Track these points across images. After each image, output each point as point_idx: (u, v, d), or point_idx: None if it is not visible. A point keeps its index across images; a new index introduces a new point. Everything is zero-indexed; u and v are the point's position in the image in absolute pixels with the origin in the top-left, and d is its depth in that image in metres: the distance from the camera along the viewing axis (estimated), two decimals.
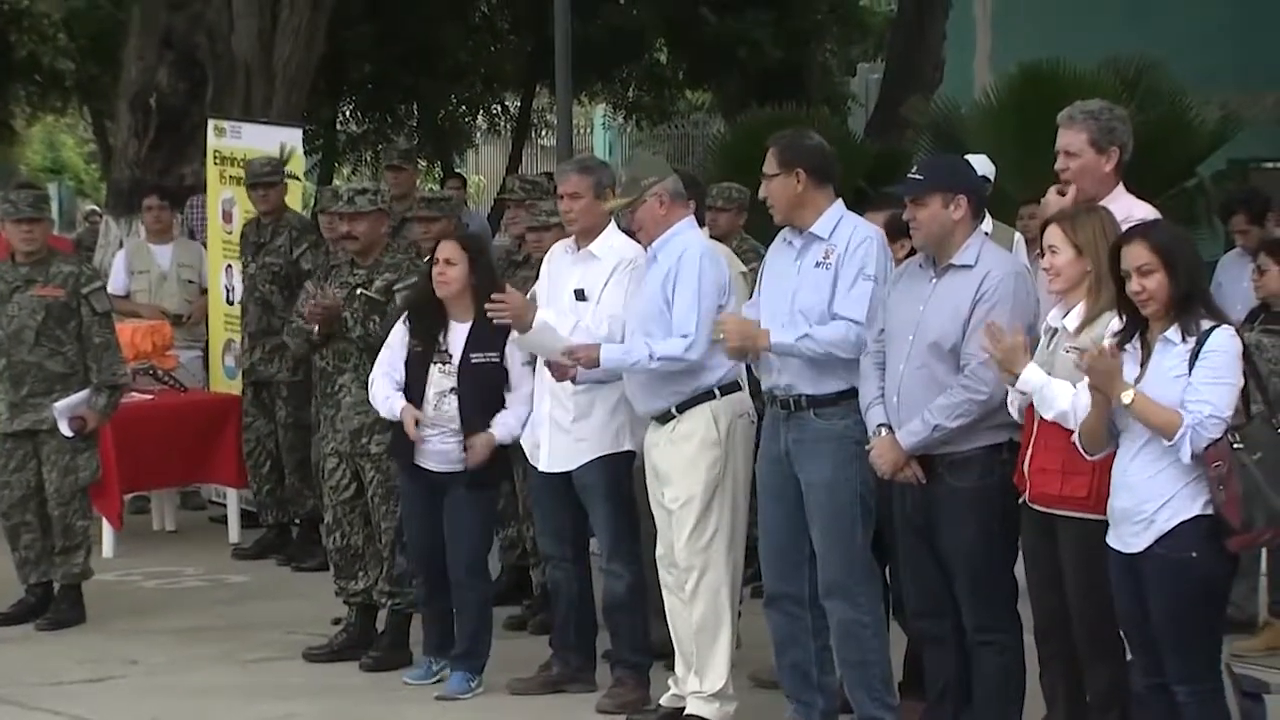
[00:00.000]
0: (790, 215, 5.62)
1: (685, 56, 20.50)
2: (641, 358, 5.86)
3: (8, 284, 7.56)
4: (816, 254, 5.58)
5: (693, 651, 5.97)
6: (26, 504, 7.57)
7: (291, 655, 7.04)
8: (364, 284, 6.83)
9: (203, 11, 12.65)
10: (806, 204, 5.60)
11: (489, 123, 22.41)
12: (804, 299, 5.55)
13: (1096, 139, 5.34)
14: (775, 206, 5.63)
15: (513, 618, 7.38)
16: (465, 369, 6.47)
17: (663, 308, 5.89)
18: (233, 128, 9.89)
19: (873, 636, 5.57)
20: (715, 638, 5.94)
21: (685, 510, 5.89)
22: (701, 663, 5.96)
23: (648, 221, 6.00)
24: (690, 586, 5.93)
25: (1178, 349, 4.65)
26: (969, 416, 5.16)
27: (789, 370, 5.56)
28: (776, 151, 5.64)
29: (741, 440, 5.96)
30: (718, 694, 5.95)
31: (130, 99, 12.97)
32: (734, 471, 5.93)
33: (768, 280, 5.73)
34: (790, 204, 5.60)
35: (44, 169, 31.49)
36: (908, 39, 17.01)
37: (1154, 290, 4.66)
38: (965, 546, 5.23)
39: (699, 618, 5.93)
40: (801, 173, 5.59)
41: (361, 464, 6.85)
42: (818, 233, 5.59)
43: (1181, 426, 4.54)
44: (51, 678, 6.80)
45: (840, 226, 5.59)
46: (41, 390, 7.50)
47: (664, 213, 5.99)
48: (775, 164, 5.61)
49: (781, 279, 5.65)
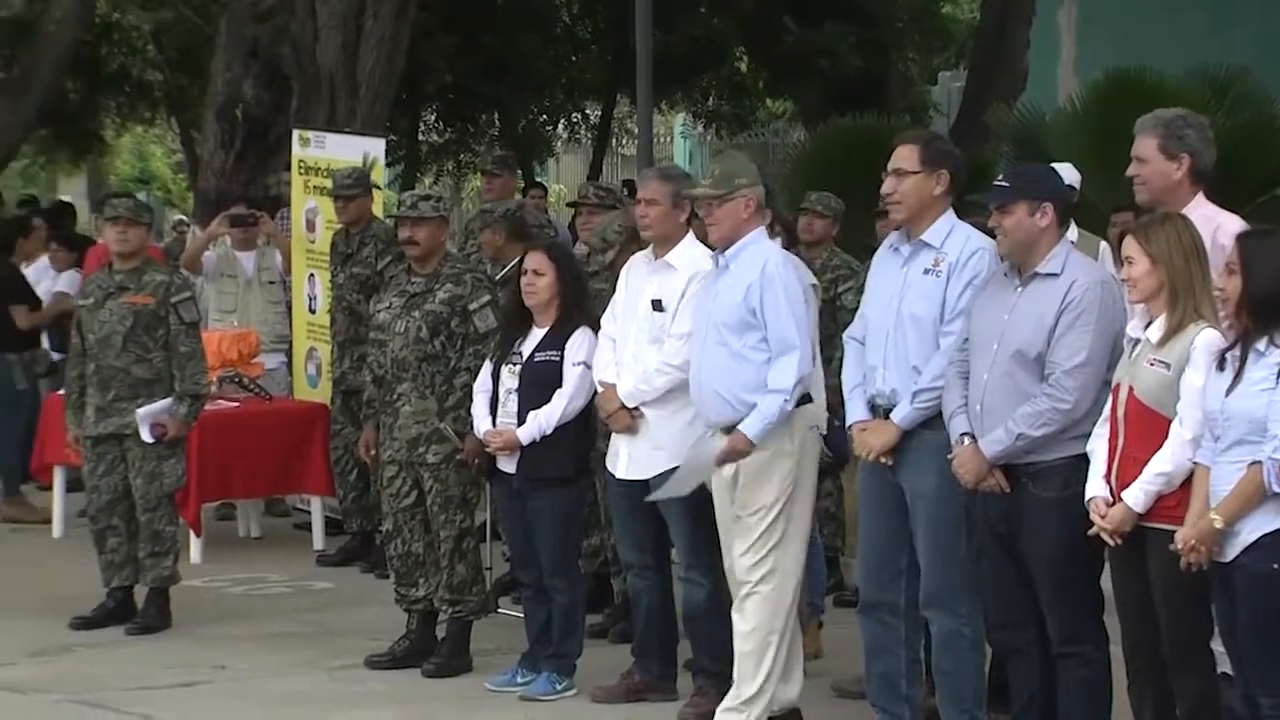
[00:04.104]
0: (916, 216, 5.53)
1: (766, 66, 20.51)
2: (775, 407, 5.76)
3: (102, 290, 7.69)
4: (925, 261, 5.53)
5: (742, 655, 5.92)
6: (114, 508, 7.67)
7: None
8: (440, 416, 6.80)
9: (288, 24, 12.80)
10: (934, 207, 5.52)
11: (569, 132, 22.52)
12: (911, 306, 5.51)
13: (1165, 145, 5.30)
14: (903, 204, 5.52)
15: (594, 625, 7.40)
16: (527, 368, 6.53)
17: (746, 318, 5.85)
18: (317, 138, 9.99)
19: (970, 649, 5.54)
20: (763, 648, 5.90)
21: (754, 519, 5.87)
22: (742, 670, 5.93)
23: (726, 221, 5.92)
24: (745, 594, 5.91)
25: (1265, 360, 4.60)
26: (1053, 426, 5.12)
27: (892, 378, 5.53)
28: (920, 149, 5.54)
29: (811, 452, 5.94)
30: (749, 701, 5.92)
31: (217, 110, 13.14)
32: (802, 483, 5.91)
33: (873, 288, 5.70)
34: (921, 204, 5.51)
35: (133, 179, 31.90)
36: (990, 47, 16.90)
37: (1230, 292, 4.63)
38: (1049, 557, 5.19)
39: (750, 626, 5.90)
40: (945, 175, 5.52)
41: (420, 473, 6.89)
42: (929, 240, 5.53)
43: (1264, 469, 4.52)
44: (140, 682, 6.88)
45: (953, 236, 5.53)
46: (127, 395, 7.61)
47: (746, 218, 5.94)
48: (917, 161, 5.50)
49: (887, 286, 5.61)
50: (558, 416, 6.48)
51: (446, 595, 6.92)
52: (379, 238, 8.86)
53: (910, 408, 5.47)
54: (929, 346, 5.48)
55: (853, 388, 5.66)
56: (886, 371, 5.54)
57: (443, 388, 6.86)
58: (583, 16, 20.54)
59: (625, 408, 6.29)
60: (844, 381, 5.71)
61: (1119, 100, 10.83)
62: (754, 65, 21.02)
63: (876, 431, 5.53)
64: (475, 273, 7.24)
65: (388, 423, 6.99)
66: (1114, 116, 10.48)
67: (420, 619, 7.05)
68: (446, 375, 6.87)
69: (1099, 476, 4.99)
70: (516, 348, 6.60)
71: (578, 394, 6.49)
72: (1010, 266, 5.33)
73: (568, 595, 6.63)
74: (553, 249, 6.80)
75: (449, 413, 6.82)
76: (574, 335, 6.55)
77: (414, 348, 6.88)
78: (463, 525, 6.92)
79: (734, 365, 5.85)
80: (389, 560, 7.22)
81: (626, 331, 6.36)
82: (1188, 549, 4.68)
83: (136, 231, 7.73)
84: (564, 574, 6.63)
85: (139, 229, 7.76)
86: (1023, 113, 12.94)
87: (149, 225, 8.06)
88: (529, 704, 6.56)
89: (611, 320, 6.45)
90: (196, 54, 17.39)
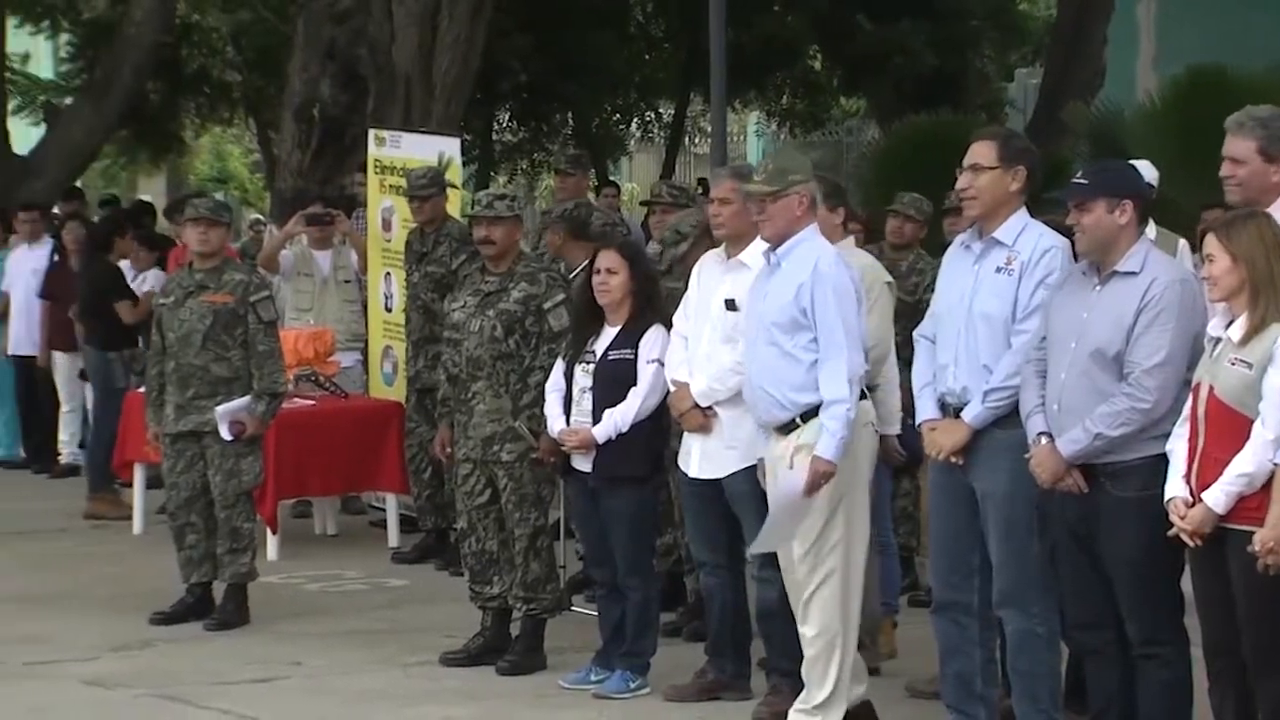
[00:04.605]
0: (990, 212, 5.48)
1: (840, 63, 20.44)
2: (841, 420, 5.71)
3: (182, 289, 7.77)
4: (997, 259, 5.49)
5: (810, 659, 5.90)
6: (192, 504, 7.75)
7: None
8: (513, 414, 6.83)
9: (365, 24, 12.89)
10: (1008, 205, 5.48)
11: (642, 130, 22.53)
12: (983, 304, 5.47)
13: (1265, 147, 5.22)
14: (979, 200, 5.48)
15: (668, 624, 7.40)
16: (601, 366, 6.54)
17: (796, 317, 5.80)
18: (392, 137, 10.05)
19: (1045, 648, 5.50)
20: (829, 650, 5.87)
21: (809, 520, 5.83)
22: (811, 675, 5.90)
23: (779, 218, 5.88)
24: (806, 597, 5.88)
25: None
26: (1132, 426, 5.07)
27: (963, 376, 5.49)
28: (998, 145, 5.50)
29: (866, 450, 5.90)
30: (822, 706, 5.89)
31: (294, 110, 13.25)
32: (859, 482, 5.88)
33: (944, 286, 5.66)
34: (997, 201, 5.47)
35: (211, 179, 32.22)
36: (1068, 43, 16.76)
37: None
38: (1128, 557, 5.14)
39: (815, 630, 5.88)
40: (1022, 171, 5.48)
41: (494, 471, 6.91)
42: (1001, 238, 5.49)
43: None
44: (218, 677, 6.95)
45: (1025, 234, 5.48)
46: (206, 393, 7.68)
47: (799, 214, 5.90)
48: (995, 157, 5.47)
49: (958, 284, 5.57)
50: (633, 415, 6.48)
51: (521, 593, 6.94)
52: (453, 237, 8.90)
53: (981, 407, 5.43)
54: (1000, 345, 5.44)
55: (923, 386, 5.62)
56: (957, 370, 5.50)
57: (517, 386, 6.89)
58: (656, 15, 20.55)
59: (698, 407, 6.28)
60: (914, 380, 5.68)
61: (1200, 96, 10.73)
62: (828, 63, 20.95)
63: (947, 431, 5.50)
64: (549, 271, 7.27)
65: (462, 421, 7.02)
66: (1196, 113, 10.38)
67: (495, 616, 7.07)
68: (521, 374, 6.90)
69: (1178, 476, 4.93)
70: (589, 346, 6.62)
71: (652, 392, 6.50)
72: (1089, 265, 5.28)
73: (642, 593, 6.63)
74: (625, 247, 6.81)
75: (523, 411, 6.85)
76: (647, 333, 6.56)
77: (489, 346, 6.91)
78: (537, 523, 6.93)
79: (784, 365, 5.82)
80: (463, 558, 7.25)
81: (699, 331, 6.35)
82: (1266, 551, 4.62)
83: (217, 231, 7.80)
84: (638, 572, 6.63)
85: (219, 229, 7.84)
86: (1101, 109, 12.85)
87: (229, 225, 8.15)
88: (603, 702, 6.57)
89: (684, 319, 6.45)
90: (274, 55, 17.54)
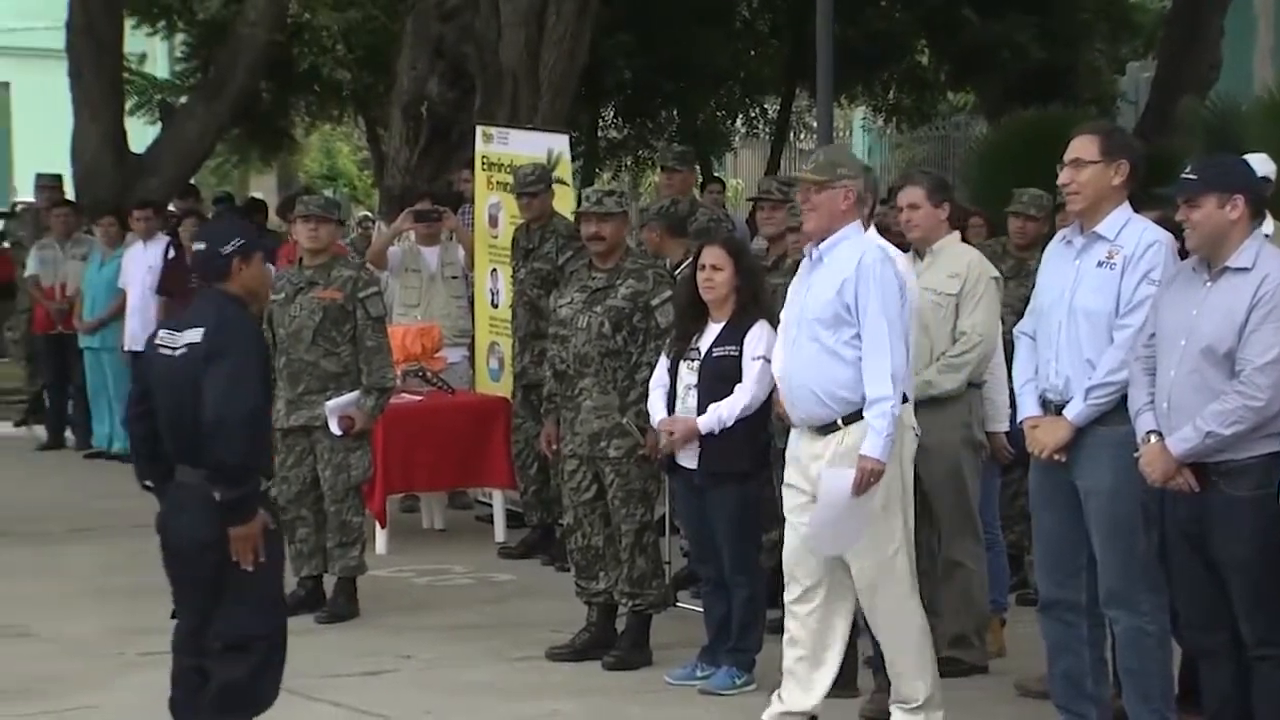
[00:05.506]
0: (1093, 207, 5.44)
1: (947, 58, 20.28)
2: (886, 419, 5.63)
3: (292, 285, 7.87)
4: (1099, 254, 5.44)
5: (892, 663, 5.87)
6: (303, 499, 7.85)
7: None
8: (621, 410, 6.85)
9: (472, 22, 12.99)
10: (1110, 199, 5.44)
11: (747, 126, 22.47)
12: (1084, 299, 5.43)
13: None
14: (1081, 194, 5.44)
15: (773, 620, 7.38)
16: (706, 363, 6.55)
17: (840, 313, 5.74)
18: (500, 134, 10.11)
19: (1156, 646, 5.45)
20: (903, 651, 5.83)
21: (865, 527, 5.73)
22: (900, 675, 5.86)
23: (823, 209, 5.82)
24: (870, 605, 5.83)
25: None
26: (1244, 424, 5.01)
27: (1065, 371, 5.44)
28: (1100, 139, 5.47)
29: (909, 453, 5.84)
30: (924, 705, 5.85)
31: (403, 107, 13.38)
32: (905, 485, 5.82)
33: (1044, 281, 5.62)
34: (1099, 195, 5.43)
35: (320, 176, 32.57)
36: (1181, 36, 16.53)
37: None
38: (1242, 557, 5.07)
39: (887, 637, 5.84)
40: (1125, 165, 5.44)
41: (601, 467, 6.93)
42: (1102, 233, 5.45)
43: None
44: (330, 670, 7.02)
45: (1128, 228, 5.44)
46: (316, 389, 7.78)
47: (844, 209, 5.83)
48: (1097, 151, 5.43)
49: (1059, 279, 5.53)
50: (738, 410, 6.48)
51: (627, 589, 6.97)
52: (560, 233, 8.95)
53: (1084, 404, 5.37)
54: (1102, 340, 5.39)
55: (1024, 383, 5.58)
56: (1059, 365, 5.46)
57: (624, 383, 6.91)
58: (762, 11, 20.48)
59: None
60: (1014, 377, 5.63)
61: None
62: (935, 58, 20.79)
63: (1049, 428, 5.44)
64: (656, 268, 7.28)
65: (569, 417, 7.05)
66: None
67: (600, 612, 7.10)
68: (628, 370, 6.92)
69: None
70: (694, 343, 6.63)
71: (758, 389, 6.49)
72: (1199, 261, 5.22)
73: (748, 590, 6.64)
74: (729, 243, 6.81)
75: (630, 407, 6.87)
76: (752, 329, 6.56)
77: (596, 343, 6.94)
78: (643, 519, 6.96)
79: (826, 361, 5.76)
80: (569, 553, 7.29)
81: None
82: None
83: (327, 228, 7.91)
84: (744, 569, 6.64)
85: (329, 225, 7.94)
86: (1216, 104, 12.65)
87: (339, 222, 8.25)
88: (709, 698, 6.58)
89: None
90: (383, 53, 17.69)
